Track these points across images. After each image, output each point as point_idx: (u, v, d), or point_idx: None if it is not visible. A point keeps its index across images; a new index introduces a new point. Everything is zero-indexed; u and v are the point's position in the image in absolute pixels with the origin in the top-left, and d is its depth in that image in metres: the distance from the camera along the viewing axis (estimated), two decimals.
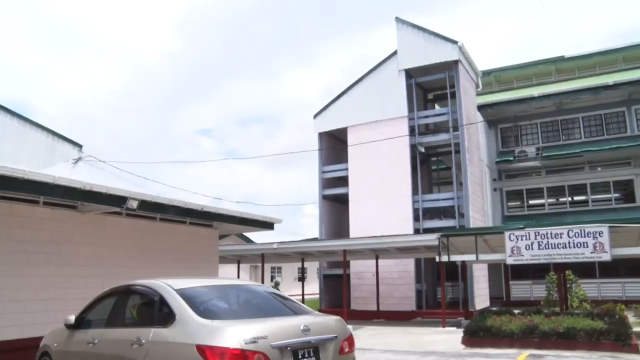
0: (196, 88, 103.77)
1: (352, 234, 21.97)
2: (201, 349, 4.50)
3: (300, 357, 4.99)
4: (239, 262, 23.91)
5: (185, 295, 5.29)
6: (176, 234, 12.40)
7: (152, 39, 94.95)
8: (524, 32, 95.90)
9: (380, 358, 11.31)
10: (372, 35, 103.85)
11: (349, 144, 23.28)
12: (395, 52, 22.70)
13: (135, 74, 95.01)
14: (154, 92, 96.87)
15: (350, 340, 5.67)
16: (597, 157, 27.00)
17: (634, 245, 14.85)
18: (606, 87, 26.21)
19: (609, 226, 14.07)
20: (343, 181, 23.73)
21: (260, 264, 21.96)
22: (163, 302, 5.30)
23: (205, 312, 5.06)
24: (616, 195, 27.32)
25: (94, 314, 6.39)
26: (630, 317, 15.71)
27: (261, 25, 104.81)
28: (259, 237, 29.07)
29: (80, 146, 19.21)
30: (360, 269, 22.00)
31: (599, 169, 27.54)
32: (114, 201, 9.45)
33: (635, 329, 13.73)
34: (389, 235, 18.41)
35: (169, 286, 5.48)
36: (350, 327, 16.48)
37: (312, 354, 5.11)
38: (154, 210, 10.74)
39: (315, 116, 24.70)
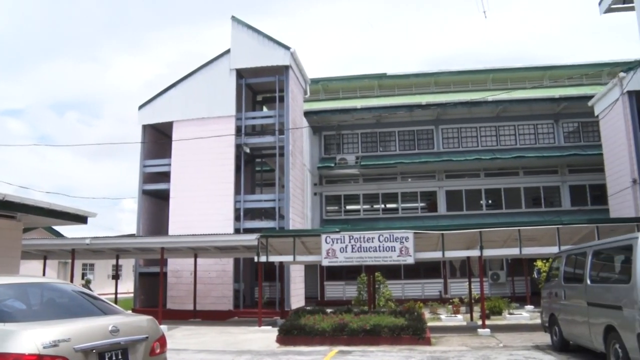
0: (5, 63, 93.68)
1: (171, 232, 21.36)
2: None
3: (107, 359, 4.72)
4: (45, 258, 21.96)
5: None
6: None
7: None
8: (353, 46, 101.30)
9: (195, 358, 11.12)
10: (205, 31, 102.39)
11: (173, 139, 22.60)
12: (228, 51, 22.55)
13: None
14: None
15: (162, 340, 5.50)
16: (408, 169, 29.37)
17: (434, 249, 16.34)
18: (419, 106, 28.66)
19: (414, 232, 15.34)
20: (165, 177, 22.98)
21: (70, 261, 20.38)
22: None
23: None
24: (422, 204, 29.97)
25: None
26: (427, 314, 17.32)
27: (91, 4, 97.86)
28: (71, 231, 27.05)
29: None
30: (178, 267, 21.46)
31: (409, 180, 29.99)
32: None
33: (430, 323, 15.18)
34: (209, 234, 18.22)
35: None
36: (165, 327, 15.98)
37: (120, 356, 4.86)
38: None
39: (141, 107, 23.61)
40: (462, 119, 29.82)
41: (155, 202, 23.92)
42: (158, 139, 24.04)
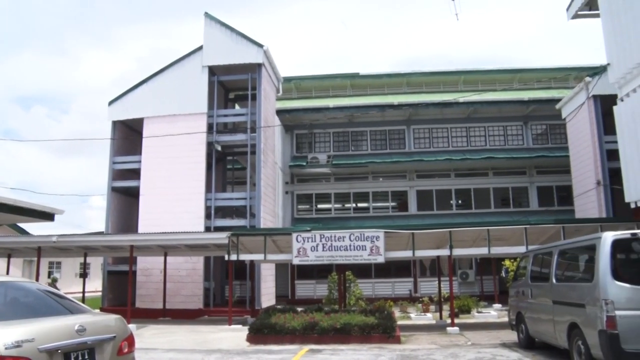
0: None
1: (141, 229, 21.11)
2: None
3: (72, 359, 4.64)
4: (9, 256, 21.46)
5: None
6: None
7: None
8: (326, 46, 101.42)
9: (164, 357, 11.01)
10: (177, 27, 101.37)
11: (144, 135, 22.32)
12: (200, 48, 22.35)
13: None
14: None
15: (130, 340, 5.44)
16: (379, 169, 29.53)
17: (404, 249, 16.48)
18: (391, 106, 28.84)
19: (385, 231, 15.45)
20: (135, 174, 22.68)
21: (36, 259, 19.96)
22: None
23: None
24: (393, 204, 30.18)
25: None
26: (397, 313, 17.44)
27: None
28: (37, 229, 26.53)
29: None
30: (148, 265, 21.22)
31: (381, 179, 30.15)
32: None
33: (400, 322, 15.30)
34: (179, 232, 18.03)
35: None
36: (133, 326, 15.82)
37: (86, 356, 4.78)
38: None
39: (111, 103, 23.27)
40: (433, 120, 30.10)
41: (125, 199, 23.61)
42: (128, 135, 23.73)
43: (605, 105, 19.31)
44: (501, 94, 29.92)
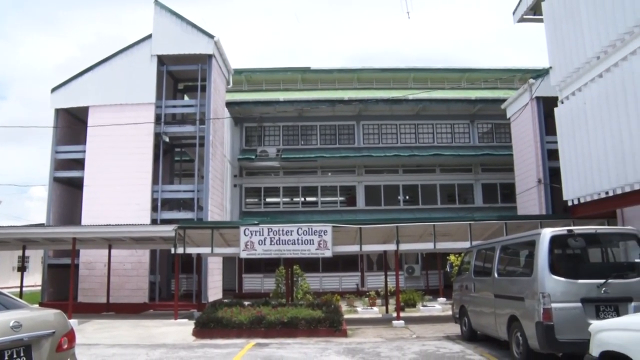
0: None
1: (84, 221, 20.49)
2: None
3: (6, 358, 4.46)
4: None
5: None
6: None
7: None
8: (278, 39, 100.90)
9: (107, 353, 10.75)
10: (125, 14, 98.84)
11: (89, 124, 21.63)
12: (149, 36, 21.82)
13: None
14: None
15: (70, 335, 5.28)
16: (328, 163, 29.63)
17: (352, 243, 16.63)
18: (341, 102, 28.96)
19: (333, 226, 15.56)
20: (79, 164, 22.00)
21: None
22: None
23: None
24: (341, 198, 30.36)
25: None
26: (344, 307, 17.60)
27: None
28: None
29: None
30: (91, 258, 20.66)
31: (330, 174, 30.28)
32: None
33: (347, 316, 15.46)
34: (124, 225, 17.59)
35: None
36: (75, 321, 15.39)
37: (22, 354, 4.61)
38: None
39: (54, 90, 22.44)
40: (382, 116, 30.41)
41: (68, 190, 22.89)
42: (72, 124, 22.99)
43: (547, 107, 19.94)
44: (449, 93, 30.50)
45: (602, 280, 7.88)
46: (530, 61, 75.13)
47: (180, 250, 16.31)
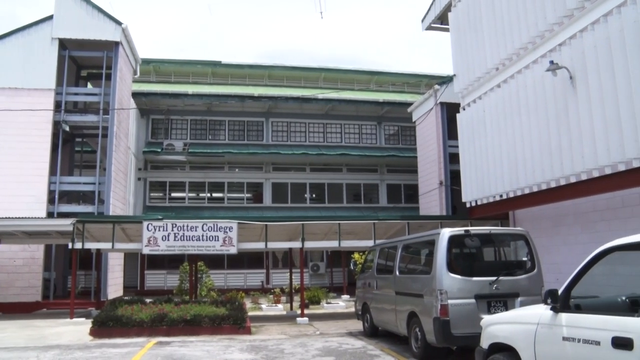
0: None
1: None
2: None
3: None
4: None
5: None
6: None
7: None
8: (189, 30, 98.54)
9: None
10: None
11: None
12: (51, 17, 20.56)
13: None
14: None
15: None
16: (236, 160, 29.37)
17: (257, 240, 16.63)
18: (251, 98, 28.78)
19: (238, 222, 15.50)
20: None
21: None
22: None
23: None
24: (248, 195, 30.20)
25: None
26: (248, 304, 17.57)
27: None
28: None
29: None
30: None
31: (237, 170, 30.02)
32: None
33: (251, 313, 15.45)
34: (16, 218, 16.49)
35: None
36: None
37: None
38: None
39: None
40: (292, 114, 30.54)
41: None
42: None
43: (450, 112, 20.88)
44: (358, 94, 31.14)
45: (494, 278, 8.42)
46: (436, 68, 78.25)
47: (78, 246, 15.60)
